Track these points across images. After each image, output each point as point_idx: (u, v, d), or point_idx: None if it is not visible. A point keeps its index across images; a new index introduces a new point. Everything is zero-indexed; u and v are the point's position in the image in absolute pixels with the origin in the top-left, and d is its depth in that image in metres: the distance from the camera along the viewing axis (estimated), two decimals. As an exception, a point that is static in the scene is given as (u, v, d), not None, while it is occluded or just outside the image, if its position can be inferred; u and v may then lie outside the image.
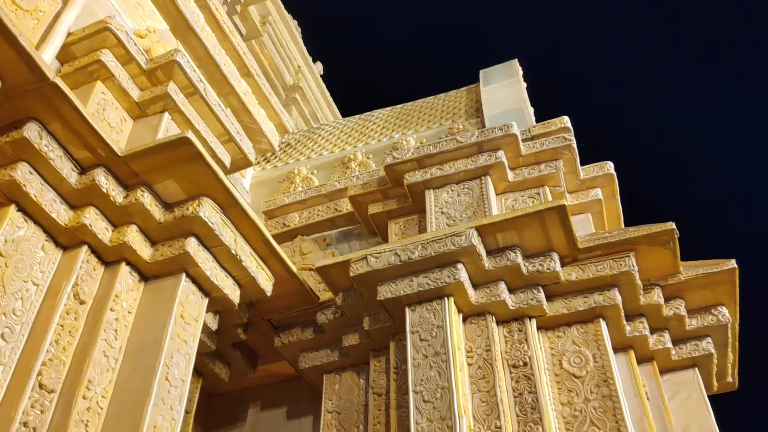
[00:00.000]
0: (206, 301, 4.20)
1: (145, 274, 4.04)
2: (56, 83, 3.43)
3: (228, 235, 4.11)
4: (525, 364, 4.20)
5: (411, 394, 3.97)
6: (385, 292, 4.34)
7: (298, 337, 4.89)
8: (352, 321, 4.71)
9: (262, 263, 4.42)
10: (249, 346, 5.07)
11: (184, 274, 4.01)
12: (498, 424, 3.90)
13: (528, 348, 4.26)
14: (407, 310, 4.33)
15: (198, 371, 4.79)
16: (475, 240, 4.19)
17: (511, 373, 4.20)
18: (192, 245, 3.97)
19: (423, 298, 4.30)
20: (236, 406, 5.38)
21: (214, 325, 4.44)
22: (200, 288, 4.15)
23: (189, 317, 3.99)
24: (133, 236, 3.89)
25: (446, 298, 4.26)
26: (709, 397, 4.76)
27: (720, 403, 5.05)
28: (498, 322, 4.39)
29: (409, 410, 3.93)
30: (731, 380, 5.21)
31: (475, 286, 4.36)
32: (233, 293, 4.31)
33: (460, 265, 4.23)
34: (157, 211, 3.93)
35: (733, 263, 4.47)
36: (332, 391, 4.76)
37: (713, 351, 4.72)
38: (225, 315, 4.51)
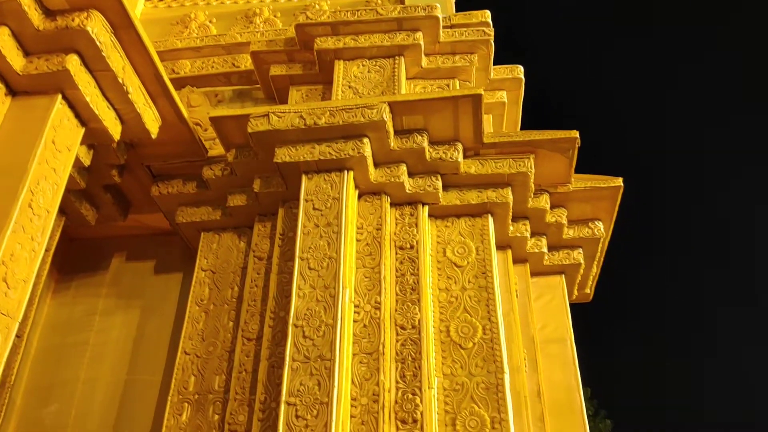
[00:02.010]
0: (82, 131, 3.76)
1: (14, 88, 3.52)
2: None
3: (116, 60, 3.65)
4: (411, 247, 4.21)
5: (297, 260, 3.87)
6: (284, 155, 4.11)
7: (178, 190, 4.57)
8: (241, 181, 4.45)
9: (151, 101, 4.01)
10: (122, 192, 4.68)
11: (60, 95, 3.54)
12: (378, 299, 3.91)
13: (417, 232, 4.26)
14: (304, 177, 4.14)
15: (62, 209, 4.36)
16: (386, 116, 4.03)
17: (396, 254, 4.20)
18: (73, 63, 3.49)
19: (322, 167, 4.13)
20: (99, 254, 5.02)
21: (87, 161, 4.02)
22: (77, 115, 3.70)
23: (61, 144, 3.56)
24: (4, 40, 3.35)
25: (346, 172, 4.11)
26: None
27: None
28: (392, 204, 4.34)
29: (292, 276, 3.84)
30: (588, 292, 5.61)
31: (376, 164, 4.24)
32: (114, 128, 3.89)
33: (366, 140, 4.07)
34: (36, 16, 3.38)
35: (619, 182, 4.67)
36: (209, 250, 4.54)
37: (582, 262, 5.00)
38: (101, 151, 4.09)
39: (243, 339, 4.05)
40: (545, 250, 4.88)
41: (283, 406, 3.37)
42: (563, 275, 5.05)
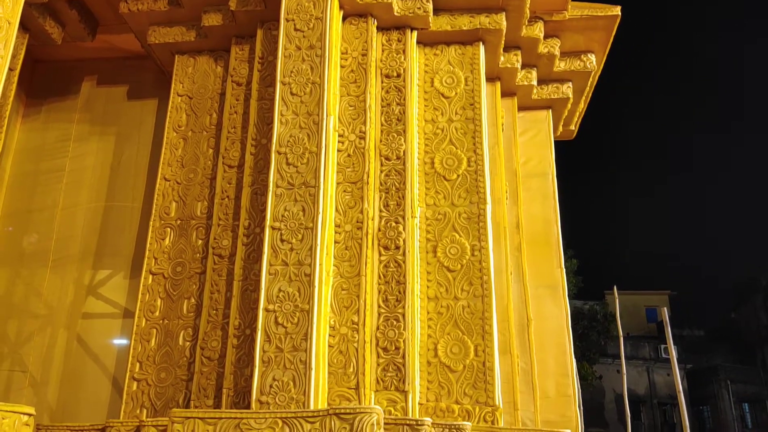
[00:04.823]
0: (38, -67, 3.38)
1: None
2: None
3: None
4: (398, 75, 4.04)
5: (278, 85, 3.69)
6: (262, -32, 3.79)
7: (149, 7, 4.23)
8: (216, -2, 4.14)
9: None
10: (88, 8, 4.34)
11: None
12: (363, 129, 3.81)
13: (404, 59, 4.07)
14: (284, -6, 3.85)
15: (24, 26, 4.06)
16: (375, -74, 3.68)
17: (382, 82, 4.03)
18: None
19: (304, -17, 3.83)
20: (68, 77, 4.76)
21: (46, -31, 3.66)
22: None
23: (15, -53, 3.20)
24: None
25: (330, -12, 3.83)
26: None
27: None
28: (379, 28, 4.10)
29: (273, 102, 3.68)
30: (573, 128, 5.55)
31: (362, -18, 3.94)
32: (74, -69, 3.51)
33: (352, -47, 3.75)
34: None
35: (617, 11, 4.43)
36: (184, 74, 4.32)
37: (570, 96, 4.89)
38: (61, -41, 3.72)
39: (224, 166, 3.97)
40: (534, 83, 4.73)
41: (268, 231, 3.37)
42: (550, 110, 4.96)
